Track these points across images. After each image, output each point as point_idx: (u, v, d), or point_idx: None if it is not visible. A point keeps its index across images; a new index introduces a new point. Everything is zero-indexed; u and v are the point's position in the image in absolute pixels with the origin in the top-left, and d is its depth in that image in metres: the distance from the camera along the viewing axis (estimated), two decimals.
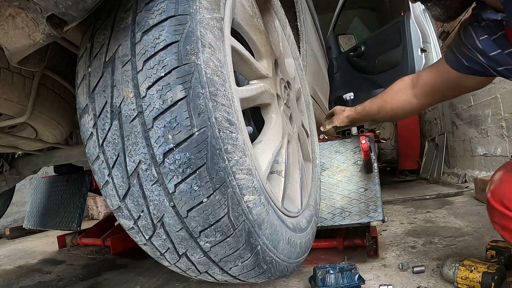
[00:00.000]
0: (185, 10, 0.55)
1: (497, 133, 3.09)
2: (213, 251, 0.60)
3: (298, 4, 1.62)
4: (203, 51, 0.55)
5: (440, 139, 4.69)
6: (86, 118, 0.60)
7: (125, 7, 0.57)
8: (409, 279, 1.22)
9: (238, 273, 0.66)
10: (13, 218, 3.73)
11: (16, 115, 1.01)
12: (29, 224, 2.15)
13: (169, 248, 0.62)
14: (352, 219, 1.39)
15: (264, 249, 0.66)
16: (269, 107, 0.94)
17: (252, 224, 0.62)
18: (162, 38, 0.53)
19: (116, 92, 0.55)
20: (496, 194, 0.91)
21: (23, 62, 0.59)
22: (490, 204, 0.93)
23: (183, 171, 0.53)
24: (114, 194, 0.59)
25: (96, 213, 3.95)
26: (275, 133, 0.91)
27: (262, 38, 0.92)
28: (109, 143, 0.57)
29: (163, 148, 0.53)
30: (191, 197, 0.54)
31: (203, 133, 0.53)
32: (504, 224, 0.89)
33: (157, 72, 0.53)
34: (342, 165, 1.57)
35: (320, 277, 1.13)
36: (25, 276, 1.88)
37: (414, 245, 1.62)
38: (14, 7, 0.47)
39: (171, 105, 0.52)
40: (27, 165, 1.58)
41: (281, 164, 0.89)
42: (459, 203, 2.63)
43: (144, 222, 0.59)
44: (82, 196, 1.97)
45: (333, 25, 3.62)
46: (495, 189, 0.93)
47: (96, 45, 0.59)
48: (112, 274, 1.72)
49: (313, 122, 1.57)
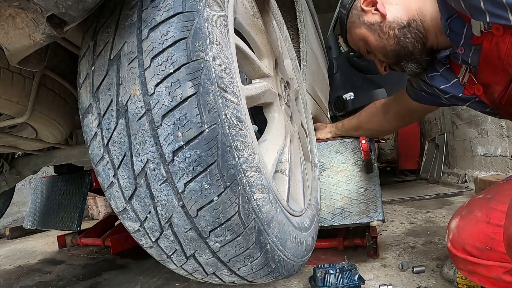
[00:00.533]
0: (192, 7, 0.54)
1: (497, 133, 3.09)
2: (223, 251, 0.59)
3: (298, 4, 1.62)
4: (211, 48, 0.55)
5: (440, 139, 4.69)
6: (89, 118, 0.59)
7: (130, 4, 0.57)
8: (409, 279, 1.22)
9: (246, 273, 0.65)
10: (13, 218, 3.72)
11: (16, 115, 1.01)
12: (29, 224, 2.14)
13: (177, 250, 0.60)
14: (352, 219, 1.39)
15: (273, 248, 0.65)
16: (271, 106, 0.94)
17: (262, 223, 0.61)
18: (170, 35, 0.52)
19: (122, 90, 0.54)
20: (456, 242, 0.93)
21: (23, 62, 0.58)
22: (453, 254, 0.94)
23: (193, 169, 0.52)
24: (119, 195, 0.58)
25: (96, 213, 3.95)
26: (279, 132, 0.91)
27: (263, 38, 0.93)
28: (115, 142, 0.55)
29: (172, 146, 0.52)
30: (202, 195, 0.53)
31: (213, 130, 0.52)
32: (471, 269, 0.90)
33: (165, 69, 0.52)
34: (342, 165, 1.57)
35: (320, 277, 1.13)
36: (25, 276, 1.88)
37: (414, 245, 1.62)
38: (14, 7, 0.47)
39: (180, 102, 0.51)
40: (27, 165, 1.58)
41: (284, 163, 0.89)
42: (459, 203, 2.63)
43: (151, 223, 0.58)
44: (82, 196, 1.96)
45: (333, 25, 3.61)
46: (454, 238, 0.94)
47: (100, 43, 0.58)
48: (112, 274, 1.72)
49: (310, 122, 1.57)
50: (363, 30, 1.10)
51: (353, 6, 1.13)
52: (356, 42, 1.17)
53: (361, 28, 1.10)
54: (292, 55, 1.47)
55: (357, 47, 1.19)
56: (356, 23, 1.12)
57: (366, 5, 1.08)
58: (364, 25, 1.09)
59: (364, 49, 1.16)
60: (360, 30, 1.11)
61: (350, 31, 1.16)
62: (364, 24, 1.09)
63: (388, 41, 1.05)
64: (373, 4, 1.07)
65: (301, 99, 1.47)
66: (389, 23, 1.03)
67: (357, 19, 1.11)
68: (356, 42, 1.17)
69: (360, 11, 1.10)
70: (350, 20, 1.14)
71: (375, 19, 1.06)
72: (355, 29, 1.13)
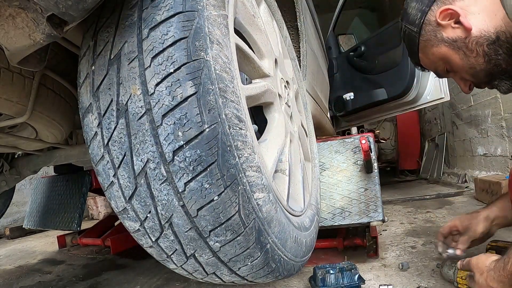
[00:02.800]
0: (192, 6, 0.54)
1: (497, 133, 3.09)
2: (223, 251, 0.59)
3: (298, 4, 1.62)
4: (211, 47, 0.55)
5: (440, 139, 4.69)
6: (89, 118, 0.59)
7: (130, 4, 0.57)
8: (409, 279, 1.22)
9: (246, 273, 0.65)
10: (13, 218, 3.72)
11: (16, 115, 1.01)
12: (29, 224, 2.14)
13: (177, 250, 0.60)
14: (352, 219, 1.39)
15: (273, 248, 0.65)
16: (271, 106, 0.94)
17: (262, 222, 0.61)
18: (170, 34, 0.52)
19: (123, 90, 0.54)
20: None
21: (23, 62, 0.58)
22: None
23: (193, 169, 0.52)
24: (119, 195, 0.58)
25: (96, 213, 3.95)
26: (279, 131, 0.91)
27: (263, 38, 0.93)
28: (115, 142, 0.55)
29: (172, 145, 0.52)
30: (202, 195, 0.53)
31: (213, 130, 0.52)
32: None
33: (166, 68, 0.52)
34: (342, 165, 1.57)
35: (320, 277, 1.13)
36: (25, 276, 1.88)
37: (414, 245, 1.62)
38: (14, 7, 0.47)
39: (181, 102, 0.51)
40: (27, 165, 1.58)
41: (284, 163, 0.89)
42: (459, 203, 2.63)
43: (151, 223, 0.58)
44: (82, 196, 1.96)
45: (333, 25, 3.62)
46: None
47: (100, 43, 0.58)
48: (112, 274, 1.72)
49: (310, 122, 1.57)
50: (443, 49, 0.96)
51: (425, 21, 0.97)
52: (433, 62, 1.03)
53: (440, 47, 0.96)
54: (292, 55, 1.47)
55: (434, 67, 1.05)
56: (433, 41, 0.97)
57: (443, 18, 0.94)
58: (444, 42, 0.95)
59: (444, 69, 1.02)
60: (439, 49, 0.97)
61: (424, 51, 1.02)
62: (444, 42, 0.95)
63: (476, 60, 0.92)
64: (452, 17, 0.92)
65: (301, 99, 1.47)
66: (476, 39, 0.90)
67: (433, 36, 0.97)
68: (433, 62, 1.03)
69: (435, 26, 0.96)
70: (424, 39, 0.99)
71: (457, 35, 0.92)
72: (431, 48, 0.99)
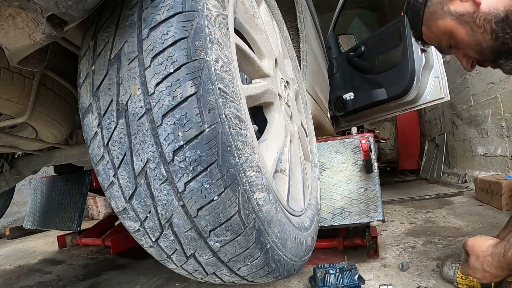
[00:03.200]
0: (192, 6, 0.54)
1: (497, 133, 3.09)
2: (223, 251, 0.59)
3: (298, 4, 1.62)
4: (211, 47, 0.55)
5: (440, 139, 4.69)
6: (89, 118, 0.59)
7: (130, 4, 0.57)
8: (409, 279, 1.22)
9: (246, 273, 0.65)
10: (13, 218, 3.72)
11: (16, 115, 1.01)
12: (29, 224, 2.14)
13: (177, 250, 0.60)
14: (352, 219, 1.39)
15: (273, 248, 0.65)
16: (271, 106, 0.94)
17: (262, 222, 0.61)
18: (170, 34, 0.52)
19: (123, 90, 0.54)
20: None
21: (23, 62, 0.58)
22: None
23: (193, 169, 0.52)
24: (119, 195, 0.58)
25: (96, 213, 3.95)
26: (279, 131, 0.91)
27: (263, 38, 0.93)
28: (115, 142, 0.55)
29: (172, 145, 0.52)
30: (202, 195, 0.53)
31: (213, 130, 0.52)
32: None
33: (166, 68, 0.52)
34: (342, 165, 1.57)
35: (320, 277, 1.13)
36: (25, 276, 1.88)
37: (414, 245, 1.62)
38: (14, 7, 0.47)
39: (181, 102, 0.51)
40: (27, 165, 1.58)
41: (284, 163, 0.89)
42: (459, 203, 2.63)
43: (151, 223, 0.58)
44: (82, 196, 1.96)
45: (333, 25, 3.62)
46: None
47: (100, 43, 0.58)
48: (112, 274, 1.72)
49: (310, 122, 1.57)
50: (448, 22, 0.95)
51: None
52: (436, 36, 1.01)
53: (446, 20, 0.95)
54: (292, 55, 1.47)
55: (437, 41, 1.03)
56: (439, 13, 0.96)
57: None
58: (450, 15, 0.94)
59: (447, 44, 1.00)
60: (445, 21, 0.95)
61: (428, 23, 1.00)
62: (451, 15, 0.94)
63: (483, 36, 0.91)
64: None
65: (301, 99, 1.47)
66: (484, 15, 0.89)
67: (439, 8, 0.96)
68: (436, 36, 1.01)
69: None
70: (430, 10, 0.97)
71: (466, 9, 0.91)
72: (436, 21, 0.97)
